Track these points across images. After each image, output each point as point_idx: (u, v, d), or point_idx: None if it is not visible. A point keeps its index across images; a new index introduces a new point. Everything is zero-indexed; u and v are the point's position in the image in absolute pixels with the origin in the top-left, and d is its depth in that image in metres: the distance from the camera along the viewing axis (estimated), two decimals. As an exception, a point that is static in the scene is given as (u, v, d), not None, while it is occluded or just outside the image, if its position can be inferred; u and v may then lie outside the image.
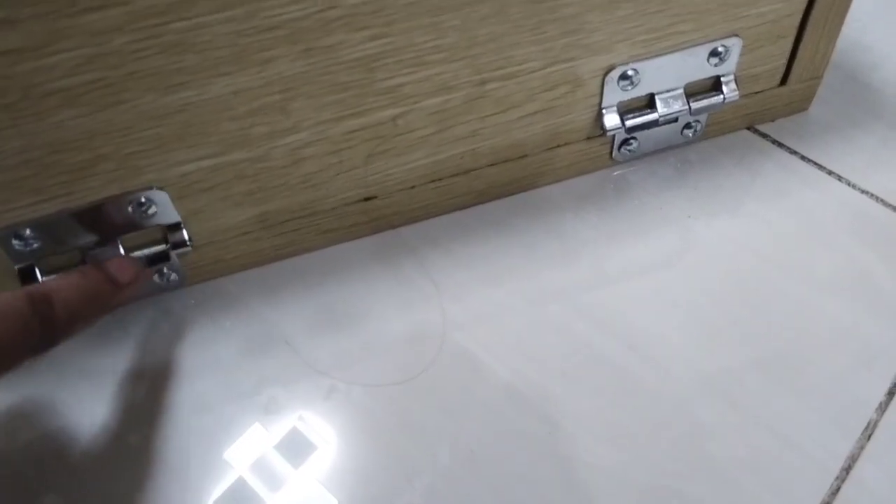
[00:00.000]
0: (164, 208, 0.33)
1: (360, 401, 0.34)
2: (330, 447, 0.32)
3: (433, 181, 0.37)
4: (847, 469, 0.31)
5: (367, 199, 0.37)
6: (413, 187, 0.37)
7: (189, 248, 0.34)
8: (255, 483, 0.32)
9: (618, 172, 0.40)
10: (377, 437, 0.33)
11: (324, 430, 0.33)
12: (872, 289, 0.36)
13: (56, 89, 0.28)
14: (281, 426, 0.33)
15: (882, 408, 0.33)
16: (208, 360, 0.35)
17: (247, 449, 0.33)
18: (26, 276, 0.33)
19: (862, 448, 0.32)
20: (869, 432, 0.32)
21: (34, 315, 0.27)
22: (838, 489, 0.31)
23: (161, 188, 0.32)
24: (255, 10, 0.28)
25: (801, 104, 0.41)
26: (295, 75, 0.30)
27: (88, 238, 0.33)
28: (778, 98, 0.40)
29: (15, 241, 0.32)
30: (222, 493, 0.31)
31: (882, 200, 0.39)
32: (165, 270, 0.36)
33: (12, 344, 0.27)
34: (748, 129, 0.41)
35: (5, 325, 0.26)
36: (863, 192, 0.39)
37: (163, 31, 0.27)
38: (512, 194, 0.39)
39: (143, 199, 0.32)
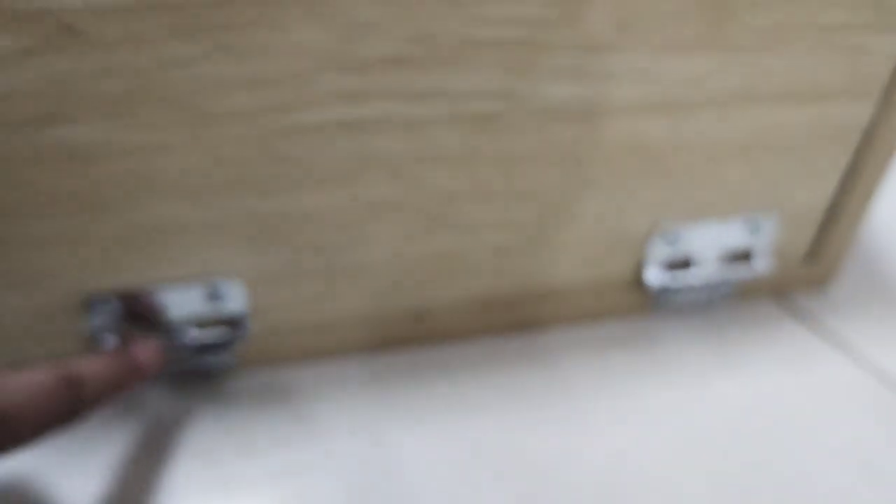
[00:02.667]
0: (235, 298, 0.36)
1: None
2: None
3: (483, 310, 0.40)
4: None
5: (419, 318, 0.39)
6: (464, 313, 0.40)
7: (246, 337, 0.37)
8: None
9: (651, 323, 0.43)
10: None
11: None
12: (870, 462, 0.38)
13: (166, 186, 0.31)
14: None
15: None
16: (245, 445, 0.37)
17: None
18: (93, 343, 0.35)
19: None
20: None
21: (64, 396, 0.28)
22: None
23: (238, 279, 0.35)
24: (358, 139, 0.31)
25: (822, 281, 0.45)
26: (380, 199, 0.34)
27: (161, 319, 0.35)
28: (802, 273, 0.44)
29: (99, 305, 0.35)
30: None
31: (887, 381, 0.41)
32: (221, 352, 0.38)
33: (39, 422, 0.28)
34: (774, 298, 0.45)
35: (35, 403, 0.28)
36: (874, 371, 0.42)
37: (275, 147, 0.31)
38: (553, 328, 0.42)
39: (218, 289, 0.35)
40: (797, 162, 0.37)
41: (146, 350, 0.33)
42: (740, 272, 0.41)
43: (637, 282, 0.41)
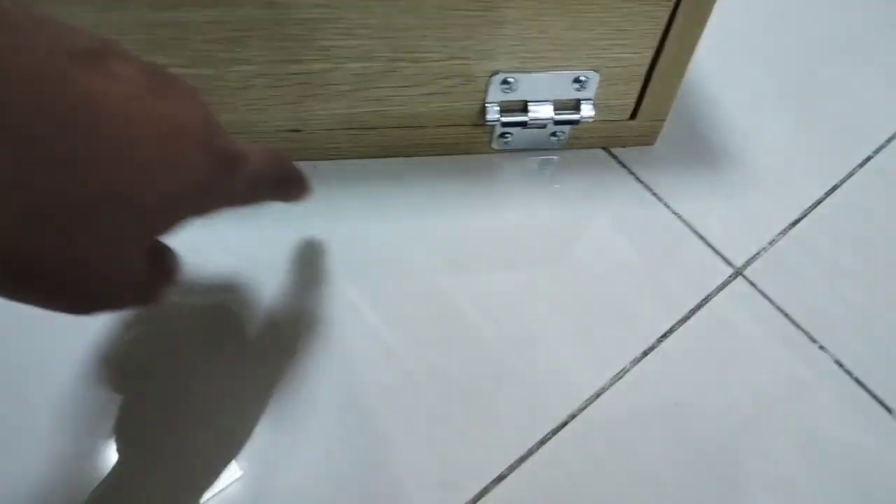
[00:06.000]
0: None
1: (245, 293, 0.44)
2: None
3: (348, 129, 0.48)
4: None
5: (294, 131, 0.47)
6: (331, 129, 0.48)
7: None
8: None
9: (494, 158, 0.51)
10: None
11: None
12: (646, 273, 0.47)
13: (80, -12, 0.38)
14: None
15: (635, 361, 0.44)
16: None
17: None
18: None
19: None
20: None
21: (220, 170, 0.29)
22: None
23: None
24: (234, -35, 0.39)
25: (648, 138, 0.53)
26: (256, 19, 0.41)
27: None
28: (628, 129, 0.52)
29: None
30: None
31: (686, 222, 0.50)
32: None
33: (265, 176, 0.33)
34: (603, 149, 0.53)
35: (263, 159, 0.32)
36: (674, 213, 0.50)
37: (165, -36, 0.38)
38: (410, 156, 0.50)
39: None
40: (615, 24, 0.45)
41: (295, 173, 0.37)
42: (568, 119, 0.49)
43: (480, 121, 0.49)
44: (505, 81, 0.47)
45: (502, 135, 0.50)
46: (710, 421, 0.43)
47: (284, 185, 0.36)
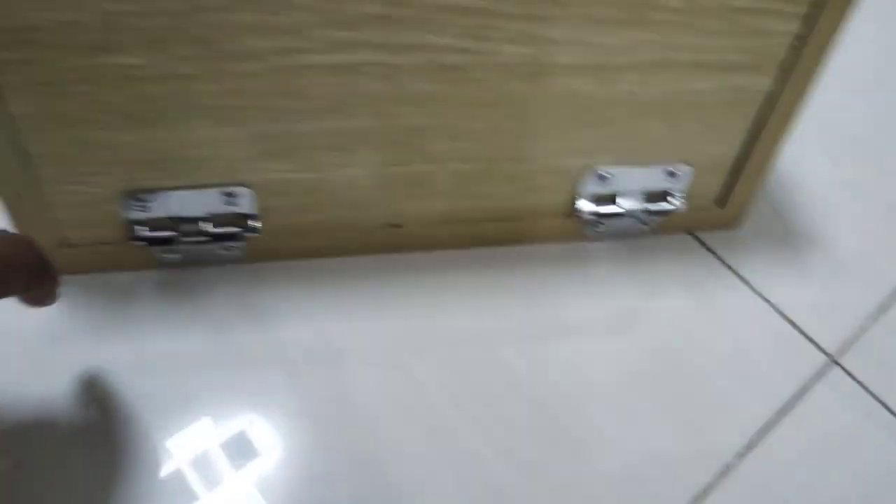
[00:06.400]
0: (246, 202, 0.45)
1: (359, 374, 0.45)
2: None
3: (447, 222, 0.49)
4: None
5: (395, 226, 0.48)
6: (431, 223, 0.49)
7: (257, 235, 0.46)
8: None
9: (586, 247, 0.52)
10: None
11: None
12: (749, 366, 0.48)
13: (200, 105, 0.39)
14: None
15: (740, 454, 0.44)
16: (248, 319, 0.46)
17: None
18: (134, 228, 0.44)
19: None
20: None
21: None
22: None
23: (248, 187, 0.44)
24: (350, 80, 0.40)
25: (733, 223, 0.53)
26: (366, 129, 0.42)
27: (187, 212, 0.44)
28: (715, 215, 0.52)
29: (135, 203, 0.43)
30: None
31: (775, 307, 0.50)
32: (232, 247, 0.47)
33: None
34: (690, 234, 0.54)
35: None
36: (764, 299, 0.51)
37: (284, 83, 0.39)
38: (504, 245, 0.51)
39: (232, 192, 0.44)
40: (707, 121, 0.46)
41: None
42: (660, 209, 0.50)
43: (570, 211, 0.50)
44: (600, 176, 0.48)
45: (594, 224, 0.51)
46: (818, 518, 0.43)
47: (35, 276, 0.37)
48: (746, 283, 0.52)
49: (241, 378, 0.45)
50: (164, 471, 0.41)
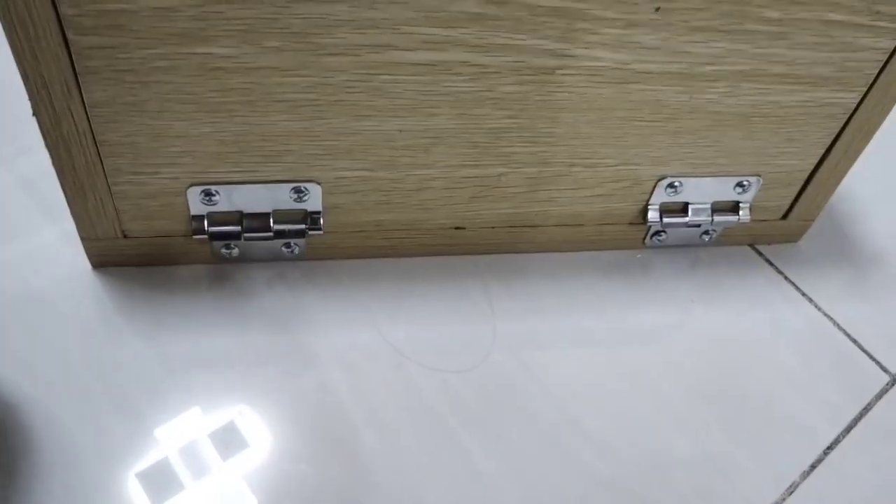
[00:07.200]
0: (314, 198, 0.43)
1: (419, 378, 0.44)
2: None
3: (510, 226, 0.48)
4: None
5: (458, 228, 0.47)
6: (494, 227, 0.47)
7: (321, 233, 0.44)
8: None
9: (645, 255, 0.51)
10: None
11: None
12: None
13: (283, 99, 0.38)
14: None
15: (804, 475, 0.44)
16: (304, 319, 0.45)
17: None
18: (198, 222, 0.43)
19: None
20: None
21: None
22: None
23: (318, 183, 0.43)
24: (438, 79, 0.38)
25: (794, 236, 0.53)
26: (445, 129, 0.41)
27: (253, 207, 0.43)
28: (777, 228, 0.52)
29: (202, 197, 0.42)
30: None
31: (838, 325, 0.50)
32: (293, 244, 0.46)
33: None
34: (750, 245, 0.53)
35: None
36: (824, 314, 0.50)
37: (372, 79, 0.38)
38: (565, 251, 0.50)
39: (303, 188, 0.43)
40: (786, 134, 0.45)
41: None
42: (726, 221, 0.49)
43: (637, 220, 0.49)
44: (671, 185, 0.47)
45: (657, 233, 0.50)
46: (886, 539, 0.42)
47: None
48: (807, 298, 0.51)
49: (288, 377, 0.43)
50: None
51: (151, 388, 0.42)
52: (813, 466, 0.44)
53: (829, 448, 0.45)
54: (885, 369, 0.49)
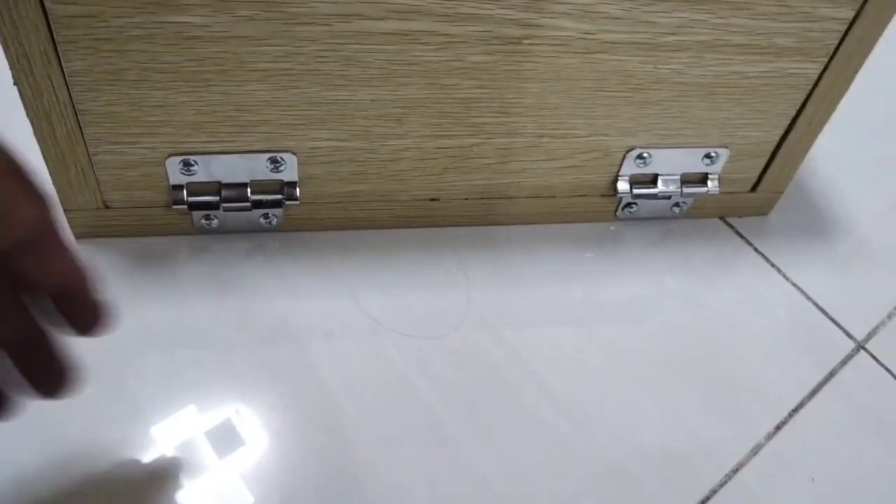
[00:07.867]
0: (290, 169, 0.44)
1: (395, 346, 0.45)
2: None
3: (483, 198, 0.49)
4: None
5: (432, 200, 0.48)
6: (468, 199, 0.49)
7: (297, 203, 0.46)
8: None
9: (617, 227, 0.52)
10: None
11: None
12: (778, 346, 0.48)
13: (257, 69, 0.39)
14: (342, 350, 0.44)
15: (769, 435, 0.45)
16: (283, 289, 0.46)
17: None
18: (178, 192, 0.44)
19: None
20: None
21: None
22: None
23: (294, 153, 0.44)
24: (408, 48, 0.40)
25: (764, 209, 0.54)
26: (416, 99, 0.42)
27: (231, 177, 0.44)
28: (747, 201, 0.53)
29: (181, 167, 0.43)
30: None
31: (806, 294, 0.51)
32: (270, 214, 0.47)
33: None
34: (720, 218, 0.54)
35: None
36: (793, 284, 0.52)
37: (343, 48, 0.39)
38: (538, 223, 0.51)
39: (278, 158, 0.44)
40: (751, 105, 0.46)
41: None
42: (696, 192, 0.50)
43: (609, 191, 0.50)
44: (640, 156, 0.48)
45: (628, 205, 0.51)
46: (846, 496, 0.44)
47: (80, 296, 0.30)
48: (776, 268, 0.52)
49: (266, 345, 0.45)
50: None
51: (139, 360, 0.43)
52: (778, 428, 0.46)
53: (794, 411, 0.46)
54: (851, 336, 0.50)
